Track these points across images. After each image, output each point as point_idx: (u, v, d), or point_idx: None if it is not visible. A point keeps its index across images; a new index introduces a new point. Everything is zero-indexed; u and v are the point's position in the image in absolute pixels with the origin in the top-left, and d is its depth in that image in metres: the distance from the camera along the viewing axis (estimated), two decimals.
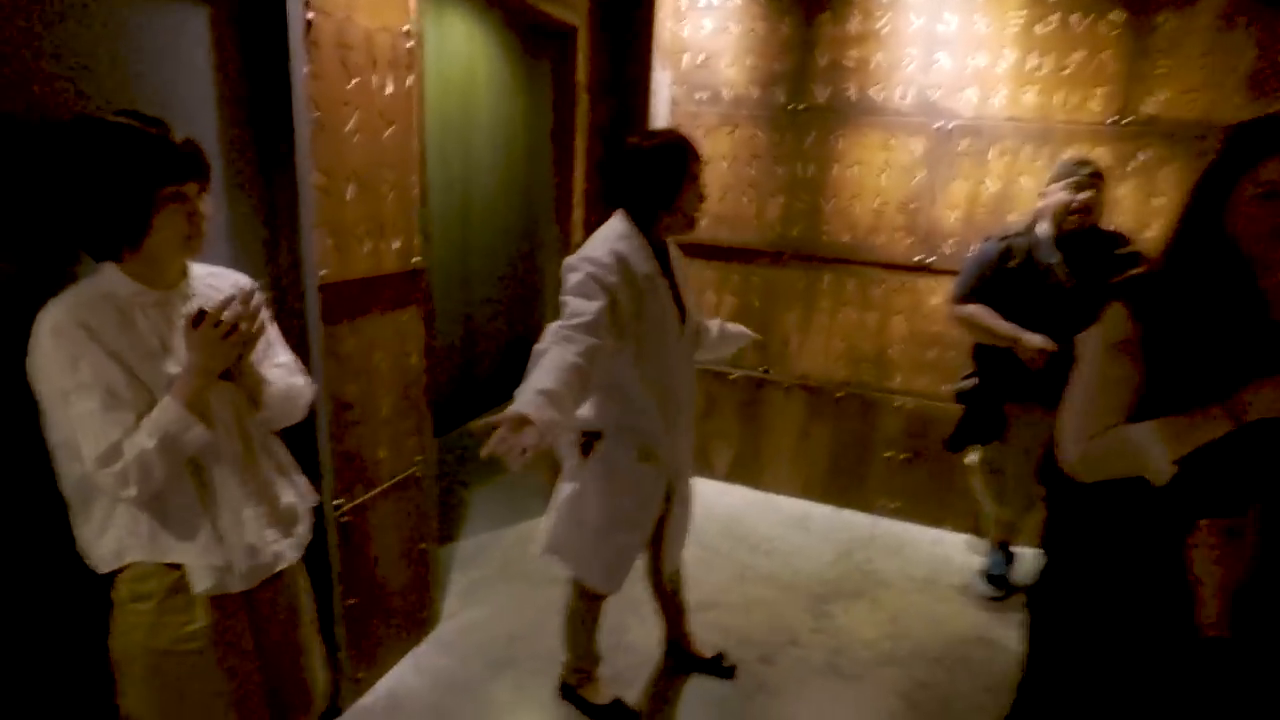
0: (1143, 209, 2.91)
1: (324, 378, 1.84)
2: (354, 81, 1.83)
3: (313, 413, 1.66)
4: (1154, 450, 1.14)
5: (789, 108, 3.26)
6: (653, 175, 1.78)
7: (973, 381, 2.75)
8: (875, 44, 3.10)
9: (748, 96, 3.31)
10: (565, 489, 1.96)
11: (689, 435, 2.06)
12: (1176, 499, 1.18)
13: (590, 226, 3.23)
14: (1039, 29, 2.90)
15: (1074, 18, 2.86)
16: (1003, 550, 2.96)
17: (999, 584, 2.88)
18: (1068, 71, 2.90)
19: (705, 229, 3.38)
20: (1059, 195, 2.48)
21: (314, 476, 1.74)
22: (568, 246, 2.96)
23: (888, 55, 3.09)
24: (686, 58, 3.35)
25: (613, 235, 1.78)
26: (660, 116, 3.32)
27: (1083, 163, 2.48)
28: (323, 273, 1.79)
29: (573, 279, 1.71)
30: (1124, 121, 2.88)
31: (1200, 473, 1.15)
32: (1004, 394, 2.65)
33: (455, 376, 4.20)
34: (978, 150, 3.05)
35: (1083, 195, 2.44)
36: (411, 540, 2.32)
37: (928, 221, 3.17)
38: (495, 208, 4.34)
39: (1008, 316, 2.55)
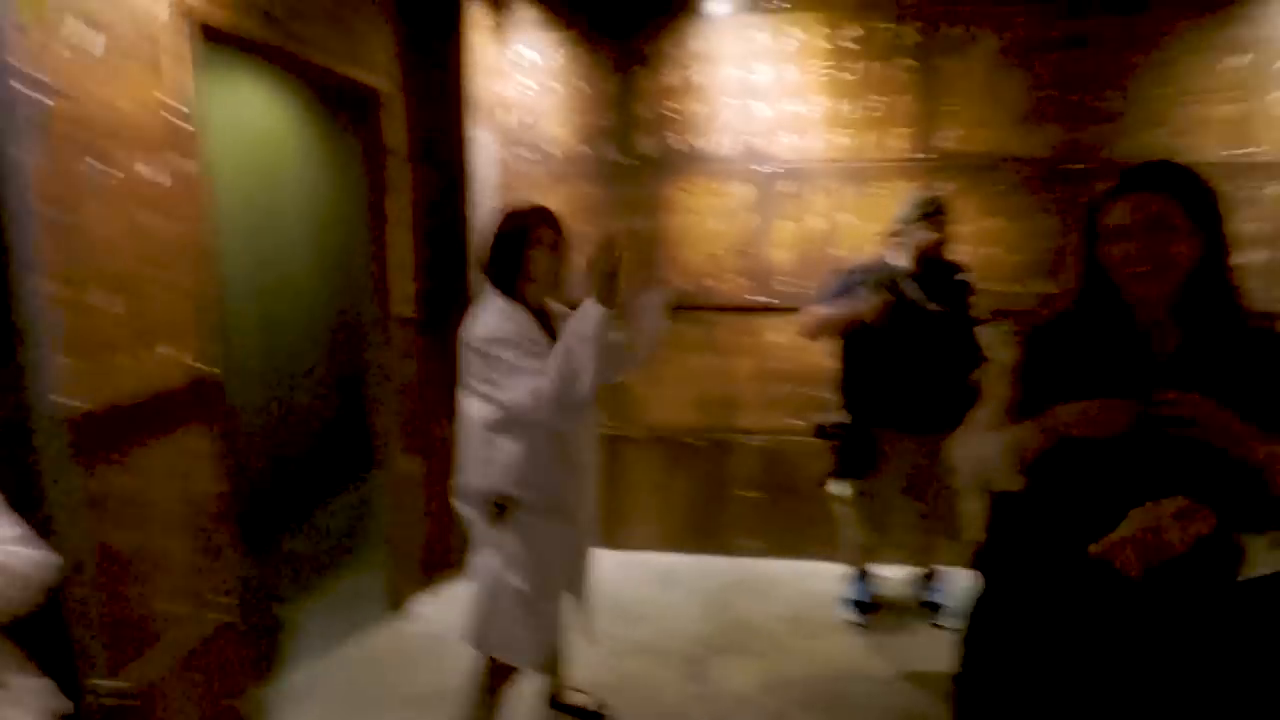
0: (951, 234, 3.09)
1: (81, 532, 1.56)
2: (105, 172, 1.61)
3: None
4: (995, 458, 1.24)
5: (618, 162, 3.26)
6: (500, 251, 1.93)
7: (843, 416, 2.82)
8: (693, 95, 3.16)
9: (578, 153, 3.28)
10: (482, 564, 1.93)
11: (593, 495, 2.10)
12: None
13: (426, 298, 3.08)
14: (844, 76, 3.05)
15: (874, 65, 3.03)
16: (864, 577, 3.01)
17: (866, 609, 2.92)
18: (874, 114, 3.07)
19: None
20: (922, 234, 2.59)
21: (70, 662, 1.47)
22: (386, 321, 2.80)
23: (706, 105, 3.16)
24: (512, 118, 3.28)
25: (494, 309, 1.89)
26: (487, 180, 3.22)
27: (931, 199, 2.61)
28: (71, 402, 1.53)
29: (498, 364, 1.80)
30: (925, 157, 3.06)
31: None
32: (875, 425, 2.74)
33: (269, 479, 3.72)
34: (800, 191, 3.16)
35: (930, 232, 2.58)
36: (220, 706, 2.01)
37: (761, 262, 3.24)
38: (310, 287, 4.08)
39: (875, 346, 2.64)
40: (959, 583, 3.08)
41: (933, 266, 2.62)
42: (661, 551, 3.46)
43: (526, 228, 1.93)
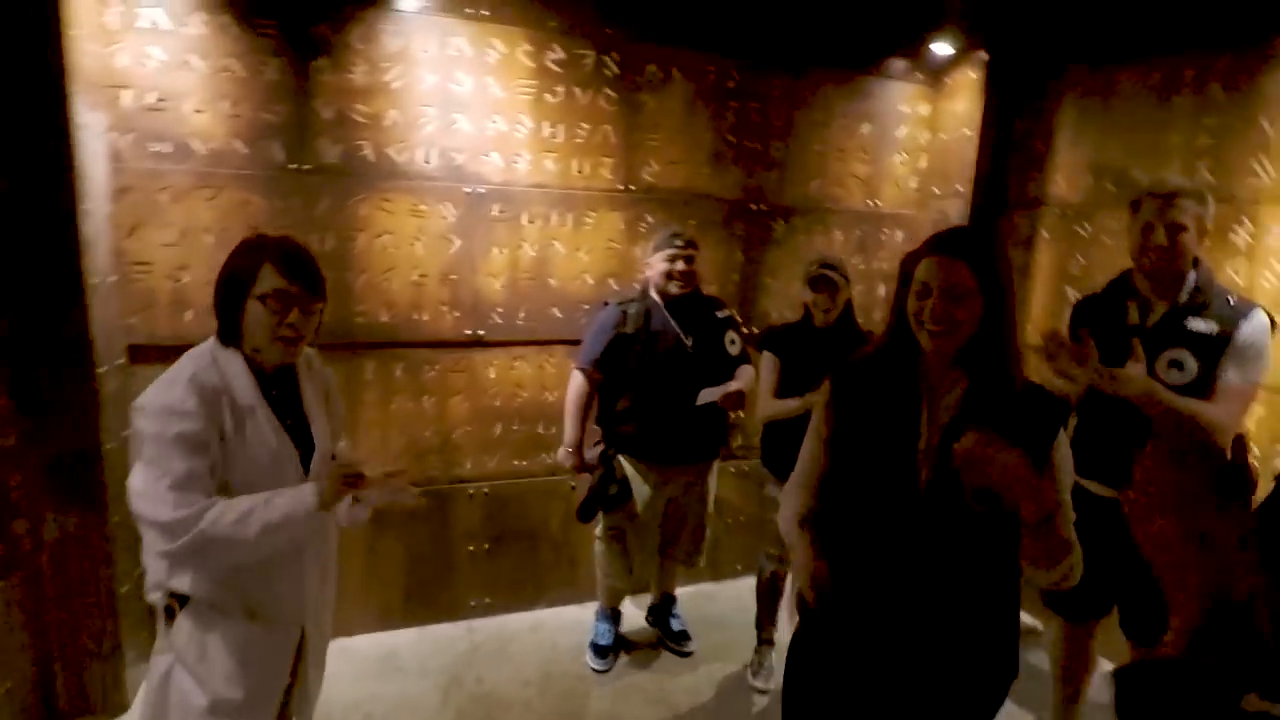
0: None
1: None
2: None
3: None
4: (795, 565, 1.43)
5: (291, 167, 2.65)
6: (218, 296, 1.49)
7: (600, 448, 2.71)
8: (387, 99, 2.71)
9: (232, 152, 2.58)
10: (155, 667, 1.53)
11: (324, 579, 1.68)
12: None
13: None
14: (549, 99, 2.91)
15: (577, 90, 2.95)
16: (610, 616, 2.93)
17: (605, 654, 2.83)
18: (579, 140, 2.99)
19: (194, 322, 2.57)
20: (660, 265, 2.62)
21: None
22: None
23: (404, 113, 2.74)
24: (129, 96, 2.44)
25: (195, 359, 1.47)
26: (96, 177, 2.36)
27: (677, 234, 2.66)
28: None
29: (150, 443, 1.39)
30: (630, 188, 3.09)
31: None
32: (632, 454, 2.69)
33: None
34: (510, 216, 2.93)
35: (679, 265, 2.60)
36: None
37: (472, 293, 2.93)
38: None
39: (631, 381, 2.62)
40: (696, 605, 3.20)
41: (688, 300, 2.66)
42: (377, 632, 2.93)
43: (247, 271, 1.46)
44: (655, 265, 2.65)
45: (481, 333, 2.95)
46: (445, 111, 2.79)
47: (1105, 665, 2.64)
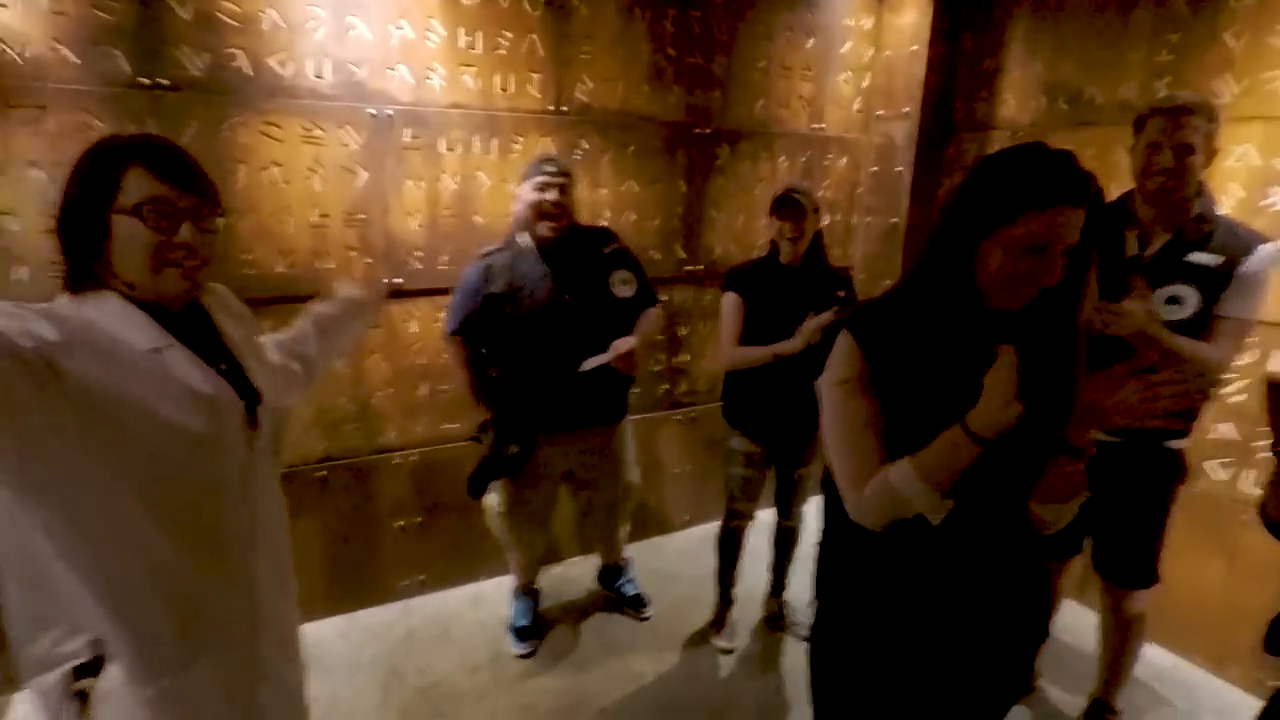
0: (593, 199, 2.85)
1: None
2: None
3: None
4: (915, 490, 1.09)
5: (141, 82, 2.11)
6: (68, 215, 1.05)
7: (488, 417, 2.35)
8: None
9: (59, 62, 2.01)
10: None
11: (281, 585, 1.31)
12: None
13: None
14: (464, 1, 2.46)
15: None
16: (527, 594, 2.68)
17: (527, 635, 2.58)
18: (501, 53, 2.57)
19: (32, 282, 2.07)
20: (528, 197, 2.20)
21: None
22: None
23: (285, 14, 2.23)
24: None
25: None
26: None
27: (547, 160, 2.23)
28: None
29: None
30: (562, 110, 2.72)
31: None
32: (531, 424, 2.31)
33: None
34: (426, 144, 2.51)
35: (549, 195, 2.18)
36: None
37: (384, 235, 2.52)
38: None
39: (503, 346, 2.26)
40: (644, 560, 3.03)
41: (565, 240, 2.24)
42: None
43: (105, 179, 1.03)
44: (523, 198, 2.22)
45: (399, 280, 2.56)
46: (338, 13, 2.30)
47: (1072, 605, 2.70)
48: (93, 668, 1.08)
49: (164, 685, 1.10)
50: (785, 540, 2.65)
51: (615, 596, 2.82)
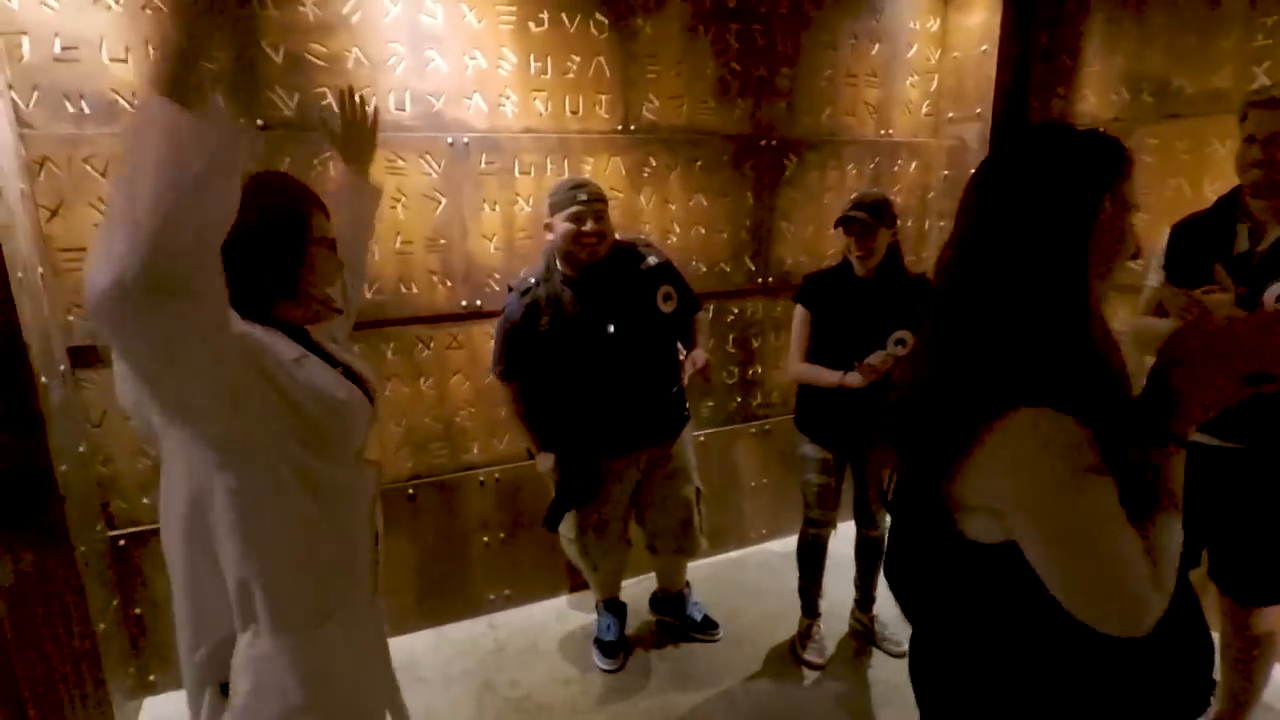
0: (661, 215, 2.88)
1: None
2: None
3: None
4: (1178, 537, 0.93)
5: (241, 123, 2.25)
6: (259, 257, 1.16)
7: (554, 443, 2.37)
8: (347, 35, 2.31)
9: None
10: None
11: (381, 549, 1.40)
12: None
13: None
14: (533, 28, 2.54)
15: (564, 17, 2.58)
16: (611, 609, 2.67)
17: (613, 650, 2.58)
18: (570, 76, 2.63)
19: None
20: (562, 227, 2.16)
21: None
22: None
23: (367, 51, 2.34)
24: (29, 45, 2.00)
25: None
26: (1, 146, 1.93)
27: (578, 185, 2.17)
28: None
29: None
30: (630, 129, 2.76)
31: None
32: (587, 450, 2.32)
33: None
34: (501, 168, 2.58)
35: (587, 226, 2.14)
36: None
37: (464, 258, 2.60)
38: None
39: (555, 379, 2.25)
40: (728, 575, 3.02)
41: (603, 264, 2.21)
42: (391, 638, 2.64)
43: (301, 213, 1.21)
44: (557, 227, 2.16)
45: (478, 303, 2.63)
46: (416, 48, 2.40)
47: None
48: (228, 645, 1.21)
49: (300, 638, 1.20)
50: (870, 551, 2.59)
51: (683, 623, 2.72)
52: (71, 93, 2.06)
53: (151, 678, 2.46)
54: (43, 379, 1.99)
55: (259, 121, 2.26)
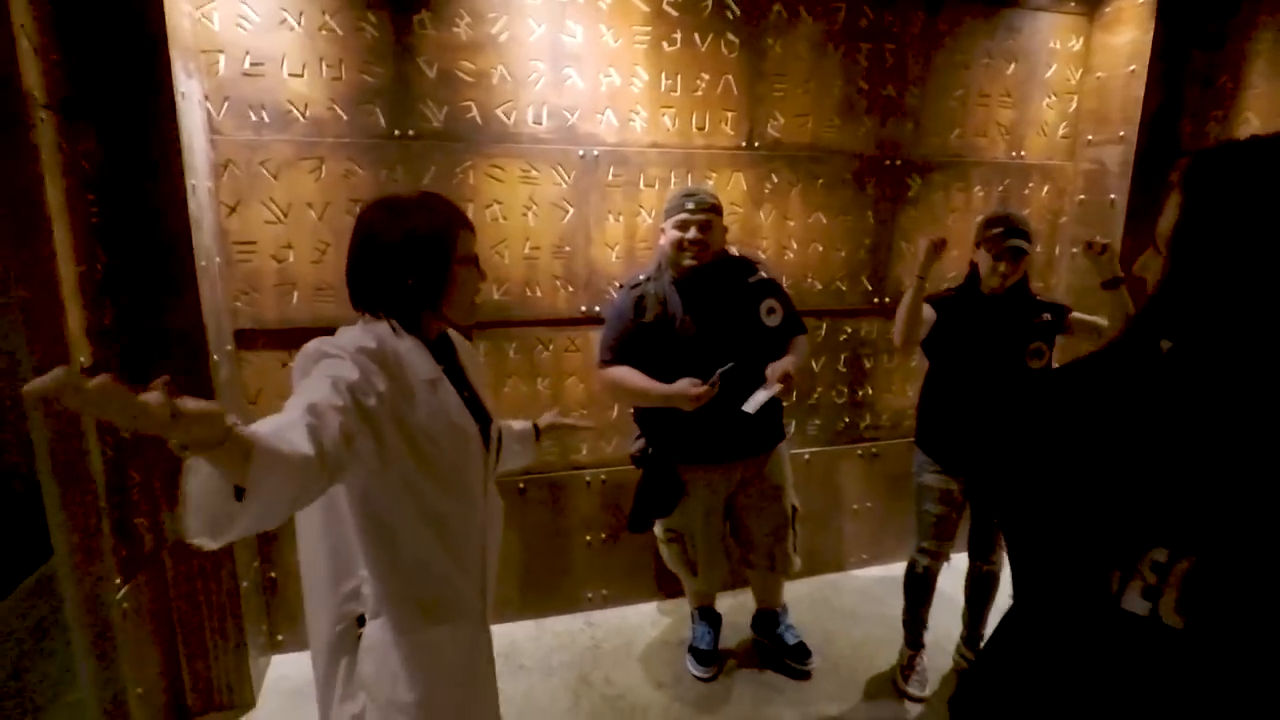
0: (780, 231, 2.90)
1: None
2: None
3: None
4: None
5: (395, 134, 2.44)
6: (407, 273, 1.28)
7: (641, 444, 2.43)
8: (494, 54, 2.47)
9: (334, 119, 2.38)
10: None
11: (493, 581, 1.49)
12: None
13: (110, 336, 2.00)
14: (666, 47, 2.63)
15: (696, 36, 2.65)
16: (706, 618, 2.69)
17: (708, 660, 2.58)
18: (698, 94, 2.70)
19: (300, 304, 2.42)
20: (671, 234, 2.25)
21: None
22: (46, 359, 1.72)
23: (511, 69, 2.50)
24: (224, 61, 2.26)
25: (367, 336, 1.25)
26: (196, 148, 2.19)
27: (689, 195, 2.25)
28: None
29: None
30: (754, 146, 2.80)
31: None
32: (674, 456, 2.37)
33: None
34: (627, 180, 2.68)
35: (690, 234, 2.21)
36: None
37: (586, 265, 2.71)
38: None
39: (656, 373, 2.26)
40: (823, 597, 2.98)
41: (707, 272, 2.26)
42: (496, 623, 2.77)
43: (449, 234, 1.30)
44: (667, 234, 2.27)
45: (597, 309, 2.73)
46: (556, 66, 2.53)
47: None
48: (362, 620, 1.34)
49: (416, 639, 1.32)
50: (983, 586, 2.50)
51: (773, 645, 2.66)
52: (255, 103, 2.30)
53: (279, 637, 2.67)
54: (214, 357, 2.23)
55: (410, 131, 2.45)
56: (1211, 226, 0.75)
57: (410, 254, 1.27)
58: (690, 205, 2.23)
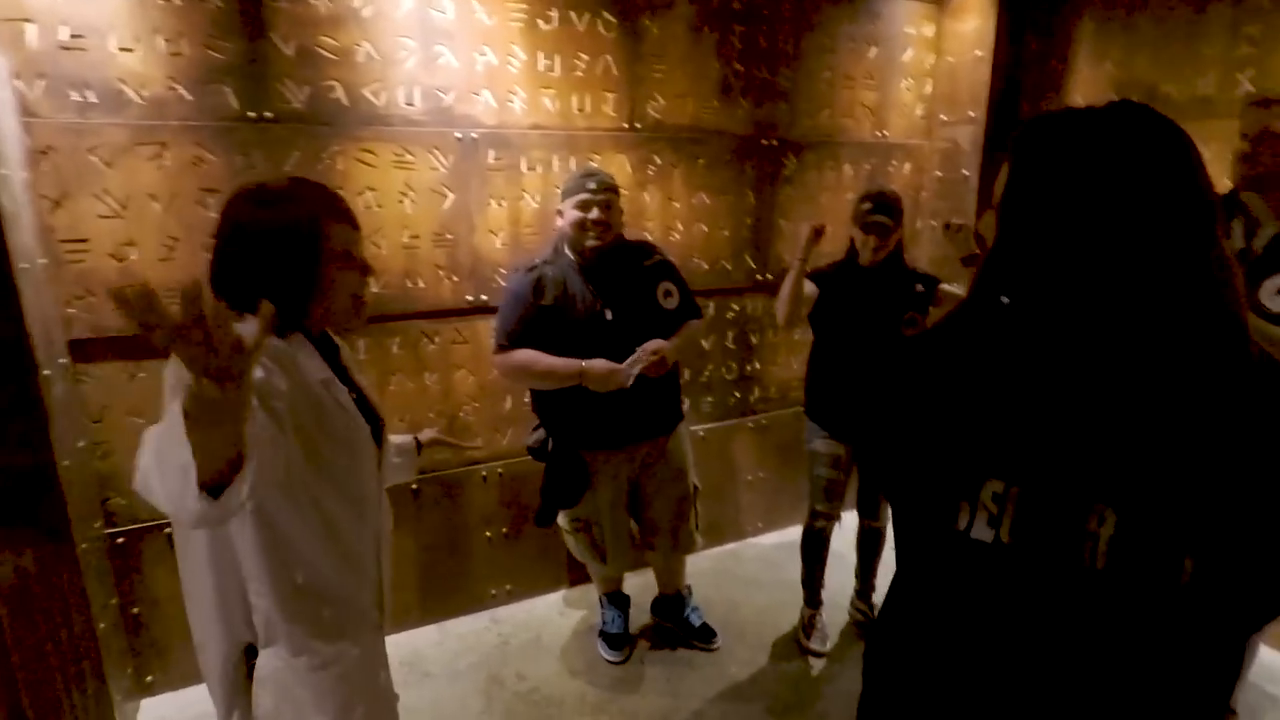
0: (665, 213, 2.91)
1: None
2: None
3: None
4: None
5: (250, 116, 2.22)
6: (272, 272, 1.13)
7: (539, 435, 2.39)
8: (357, 29, 2.30)
9: (176, 99, 2.13)
10: None
11: (389, 589, 1.40)
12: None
13: None
14: (543, 25, 2.55)
15: (573, 15, 2.59)
16: (615, 602, 2.68)
17: (619, 643, 2.60)
18: (578, 74, 2.64)
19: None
20: (571, 215, 2.22)
21: None
22: None
23: (378, 46, 2.33)
24: (35, 33, 1.96)
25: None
26: (5, 133, 1.89)
27: (589, 175, 2.23)
28: None
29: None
30: (636, 127, 2.78)
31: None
32: (577, 443, 2.34)
33: None
34: (509, 164, 2.59)
35: (592, 214, 2.19)
36: None
37: (470, 253, 2.60)
38: None
39: (557, 356, 2.22)
40: (725, 567, 3.05)
41: (608, 255, 2.25)
42: (395, 634, 2.64)
43: (317, 227, 1.16)
44: (567, 215, 2.23)
45: (484, 298, 2.63)
46: (427, 43, 2.39)
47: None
48: (252, 651, 1.24)
49: (315, 660, 1.23)
50: (871, 542, 2.66)
51: (679, 629, 2.68)
52: (77, 81, 2.02)
53: (149, 678, 2.42)
54: (45, 371, 1.96)
55: (268, 113, 2.24)
56: (1032, 189, 0.81)
57: (272, 250, 1.13)
58: (591, 185, 2.19)
